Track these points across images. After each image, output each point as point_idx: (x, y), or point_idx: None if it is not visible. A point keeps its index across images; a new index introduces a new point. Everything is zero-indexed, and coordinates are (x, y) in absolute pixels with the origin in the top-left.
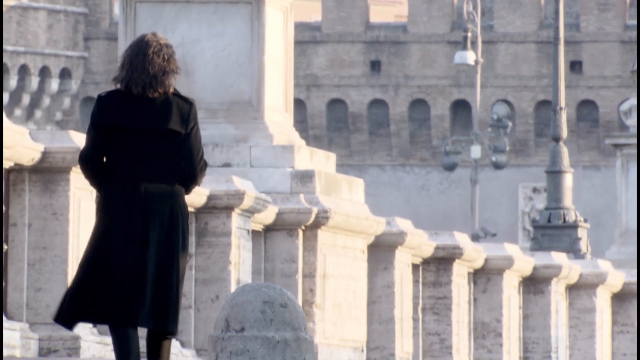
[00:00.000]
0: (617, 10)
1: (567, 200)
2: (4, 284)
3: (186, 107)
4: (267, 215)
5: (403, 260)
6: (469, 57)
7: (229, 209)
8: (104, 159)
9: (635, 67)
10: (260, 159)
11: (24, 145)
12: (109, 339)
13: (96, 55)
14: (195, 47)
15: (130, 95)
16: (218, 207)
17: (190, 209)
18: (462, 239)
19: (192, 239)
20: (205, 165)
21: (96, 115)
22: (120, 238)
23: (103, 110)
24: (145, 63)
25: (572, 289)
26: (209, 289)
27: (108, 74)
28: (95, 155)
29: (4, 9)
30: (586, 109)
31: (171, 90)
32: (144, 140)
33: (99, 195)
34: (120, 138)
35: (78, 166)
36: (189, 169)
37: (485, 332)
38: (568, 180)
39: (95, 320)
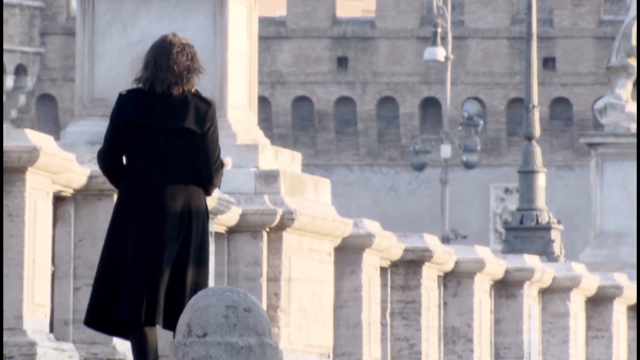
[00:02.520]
0: (591, 5)
1: (540, 201)
2: None
3: (204, 107)
4: (231, 217)
5: (371, 263)
6: (439, 53)
7: None
8: (122, 157)
9: (611, 64)
10: (224, 158)
11: None
12: (66, 345)
13: (53, 50)
14: None
15: (151, 94)
16: None
17: None
18: (431, 241)
19: None
20: (221, 166)
21: (114, 113)
22: (133, 237)
23: (121, 107)
24: (170, 62)
25: (545, 292)
26: None
27: (65, 70)
28: (111, 153)
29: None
30: (560, 107)
31: (193, 89)
32: (160, 138)
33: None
34: (136, 136)
35: (34, 166)
36: (204, 170)
37: (456, 337)
38: (541, 180)
39: (111, 322)
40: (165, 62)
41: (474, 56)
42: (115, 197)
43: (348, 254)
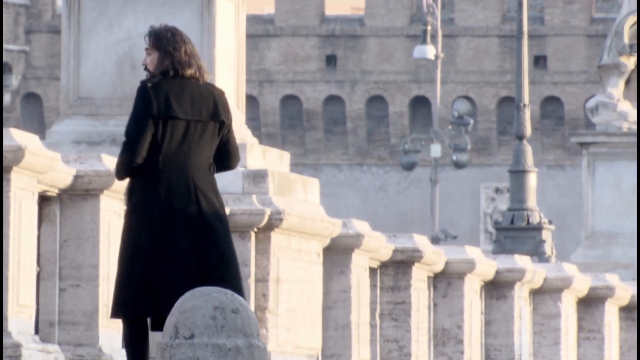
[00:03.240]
0: (583, 2)
1: (531, 201)
2: None
3: (223, 97)
4: None
5: (360, 264)
6: (429, 51)
7: None
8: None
9: (603, 62)
10: None
11: None
12: (51, 347)
13: (38, 49)
14: (143, 41)
15: (182, 83)
16: None
17: None
18: (421, 241)
19: None
20: (239, 157)
21: (149, 106)
22: (177, 228)
23: (160, 100)
24: (195, 50)
25: (536, 293)
26: None
27: (51, 68)
28: (145, 146)
29: None
30: (551, 105)
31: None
32: (195, 130)
33: (136, 184)
34: (175, 128)
35: (19, 165)
36: (231, 160)
37: (446, 339)
38: (532, 180)
39: (154, 312)
40: (193, 50)
41: (464, 54)
42: (101, 197)
43: (337, 254)
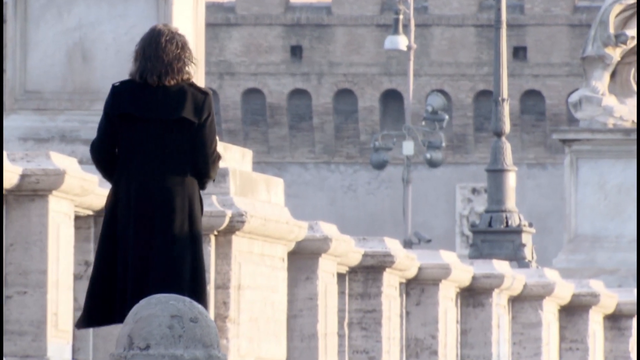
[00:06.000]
0: None
1: (510, 202)
2: None
3: (200, 97)
4: None
5: (327, 270)
6: (401, 42)
7: None
8: (116, 149)
9: (586, 54)
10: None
11: None
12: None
13: None
14: (95, 30)
15: (145, 85)
16: None
17: (90, 213)
18: (393, 245)
19: (90, 246)
20: (218, 157)
21: (109, 105)
22: (133, 234)
23: (116, 99)
24: (159, 51)
25: (515, 301)
26: None
27: None
28: (105, 145)
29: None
30: (531, 100)
31: (190, 79)
32: (157, 130)
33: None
34: (133, 128)
35: None
36: (201, 161)
37: (419, 350)
38: (511, 179)
39: (107, 322)
40: (154, 51)
41: (439, 45)
42: (50, 198)
43: (302, 259)
